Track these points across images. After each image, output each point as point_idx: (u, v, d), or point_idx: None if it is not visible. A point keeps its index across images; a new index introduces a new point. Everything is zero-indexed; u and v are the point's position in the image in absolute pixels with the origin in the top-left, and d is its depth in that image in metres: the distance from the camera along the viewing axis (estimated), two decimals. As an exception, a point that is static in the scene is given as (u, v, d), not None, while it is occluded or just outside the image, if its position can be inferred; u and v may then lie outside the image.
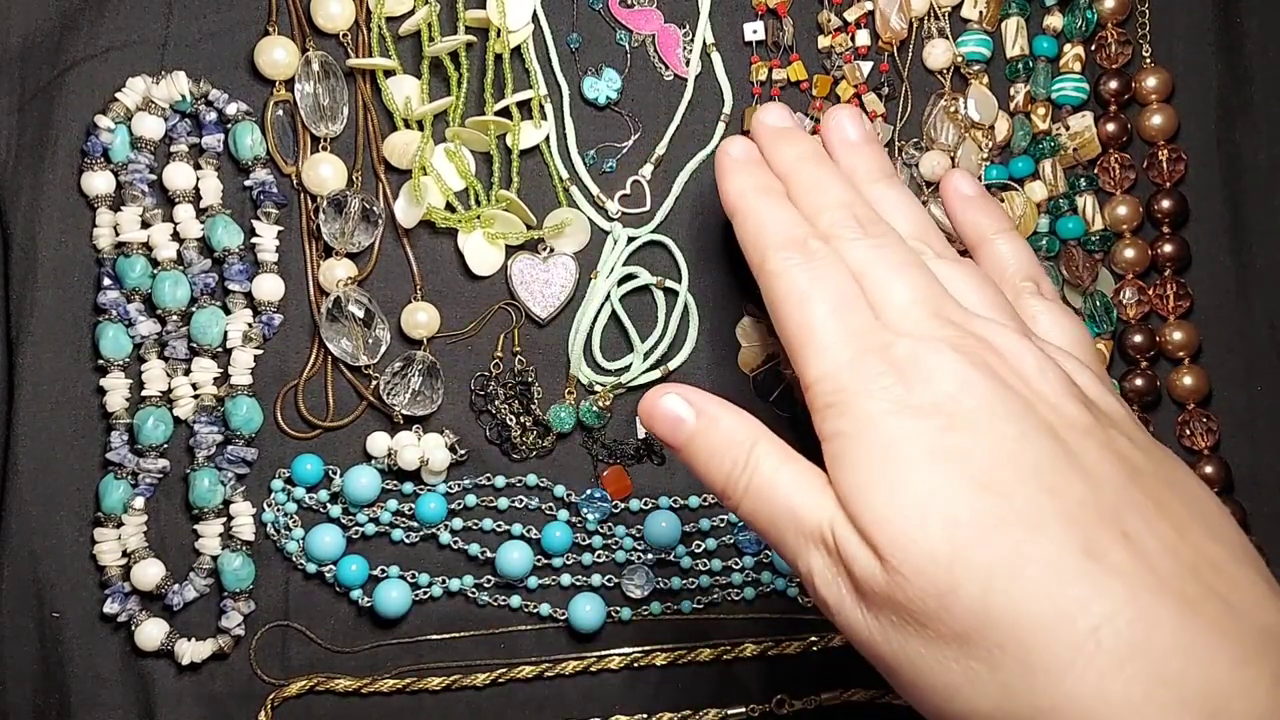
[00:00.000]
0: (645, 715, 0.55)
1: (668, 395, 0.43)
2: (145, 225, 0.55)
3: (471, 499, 0.56)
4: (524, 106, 0.57)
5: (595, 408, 0.56)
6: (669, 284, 0.57)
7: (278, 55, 0.56)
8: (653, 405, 0.43)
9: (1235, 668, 0.33)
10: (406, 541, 0.56)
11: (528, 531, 0.56)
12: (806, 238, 0.43)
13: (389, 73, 0.57)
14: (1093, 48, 0.58)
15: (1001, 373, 0.38)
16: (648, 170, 0.57)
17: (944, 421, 0.37)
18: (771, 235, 0.43)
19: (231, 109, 0.56)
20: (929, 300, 0.41)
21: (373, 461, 0.56)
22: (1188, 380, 0.56)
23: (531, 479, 0.56)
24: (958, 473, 0.36)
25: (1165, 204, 0.56)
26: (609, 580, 0.56)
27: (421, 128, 0.56)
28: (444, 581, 0.55)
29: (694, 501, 0.56)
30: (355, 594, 0.55)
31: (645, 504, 0.56)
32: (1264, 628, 0.34)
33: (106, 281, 0.55)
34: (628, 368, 0.57)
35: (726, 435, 0.41)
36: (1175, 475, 0.39)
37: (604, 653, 0.55)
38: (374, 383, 0.56)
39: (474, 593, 0.55)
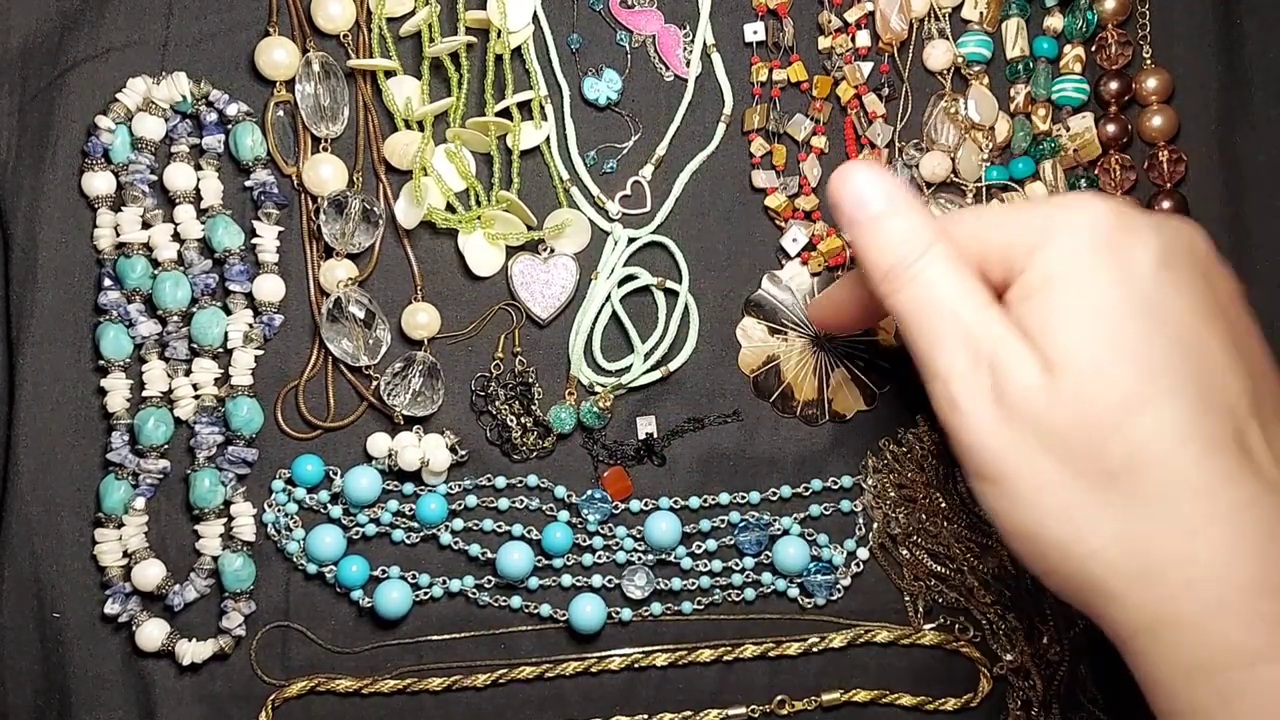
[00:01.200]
0: (645, 715, 0.55)
1: (866, 171, 0.43)
2: (146, 226, 0.55)
3: (472, 500, 0.56)
4: (524, 107, 0.57)
5: (596, 408, 0.56)
6: (669, 284, 0.57)
7: (278, 56, 0.56)
8: (845, 177, 0.43)
9: None
10: (407, 542, 0.56)
11: (528, 532, 0.56)
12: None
13: (389, 73, 0.57)
14: (1093, 49, 0.58)
15: (1198, 252, 0.41)
16: (648, 171, 0.58)
17: (1148, 278, 0.39)
18: None
19: (232, 110, 0.56)
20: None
21: (373, 462, 0.56)
22: (1188, 381, 0.56)
23: (532, 480, 0.56)
24: (1155, 328, 0.38)
25: (1165, 205, 0.56)
26: (609, 581, 0.56)
27: (422, 128, 0.56)
28: (444, 582, 0.55)
29: (694, 502, 0.56)
30: (356, 595, 0.55)
31: (645, 505, 0.56)
32: None
33: (107, 282, 0.55)
34: (628, 368, 0.57)
35: (909, 227, 0.42)
36: None
37: (604, 653, 0.55)
38: (374, 383, 0.56)
39: (474, 593, 0.55)
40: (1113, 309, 0.38)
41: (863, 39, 0.58)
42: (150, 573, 0.54)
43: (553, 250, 0.57)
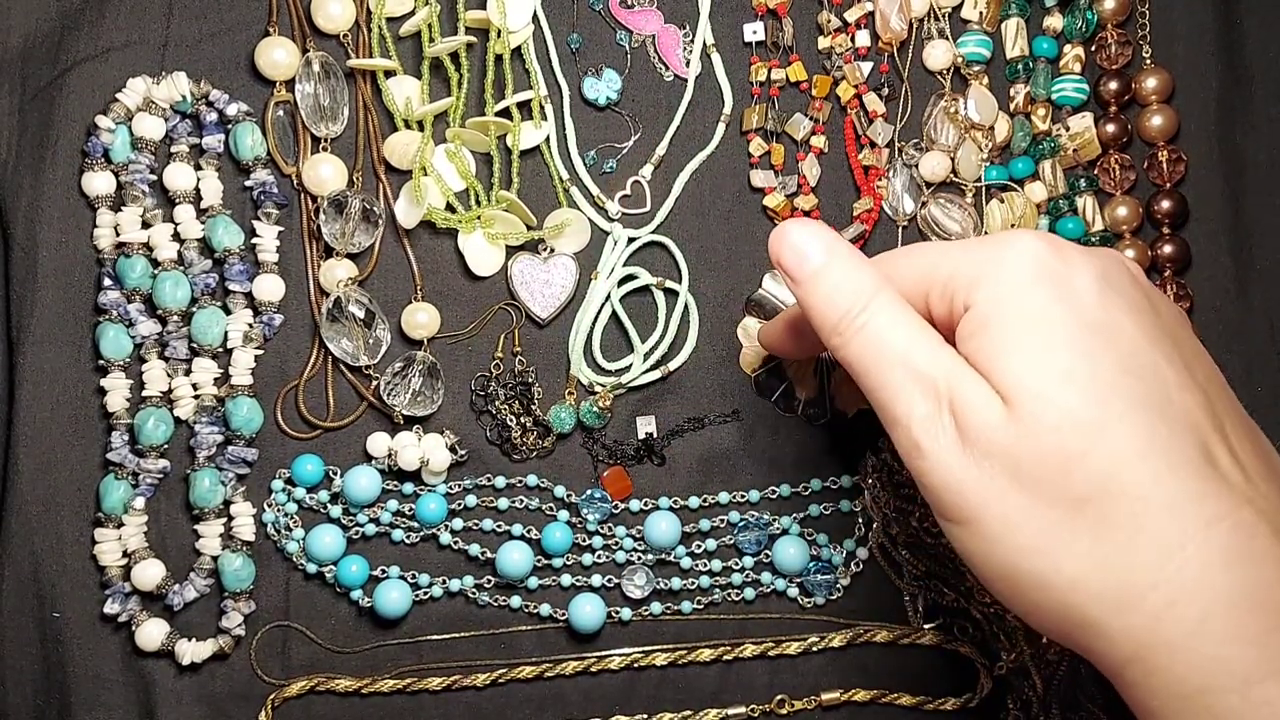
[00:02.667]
0: (645, 715, 0.55)
1: (805, 227, 0.43)
2: (146, 225, 0.55)
3: (472, 499, 0.56)
4: (524, 107, 0.57)
5: (595, 408, 0.56)
6: (669, 284, 0.57)
7: (278, 56, 0.56)
8: (784, 234, 0.43)
9: None
10: (407, 542, 0.56)
11: (528, 532, 0.56)
12: None
13: (389, 73, 0.57)
14: (1093, 48, 0.58)
15: (1136, 277, 0.41)
16: (648, 171, 0.58)
17: (1093, 303, 0.39)
18: None
19: (232, 109, 0.56)
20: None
21: (373, 462, 0.56)
22: (1188, 380, 0.56)
23: (532, 479, 0.56)
24: (1105, 351, 0.38)
25: (1165, 204, 0.57)
26: (609, 581, 0.56)
27: (422, 128, 0.56)
28: (444, 582, 0.55)
29: (694, 502, 0.56)
30: (355, 594, 0.55)
31: (645, 504, 0.56)
32: None
33: (107, 282, 0.55)
34: (628, 368, 0.57)
35: (852, 277, 0.42)
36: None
37: (604, 653, 0.55)
38: (374, 383, 0.56)
39: (474, 593, 0.55)
40: (1060, 335, 0.38)
41: (862, 39, 0.58)
42: (150, 572, 0.54)
43: (552, 250, 0.57)
